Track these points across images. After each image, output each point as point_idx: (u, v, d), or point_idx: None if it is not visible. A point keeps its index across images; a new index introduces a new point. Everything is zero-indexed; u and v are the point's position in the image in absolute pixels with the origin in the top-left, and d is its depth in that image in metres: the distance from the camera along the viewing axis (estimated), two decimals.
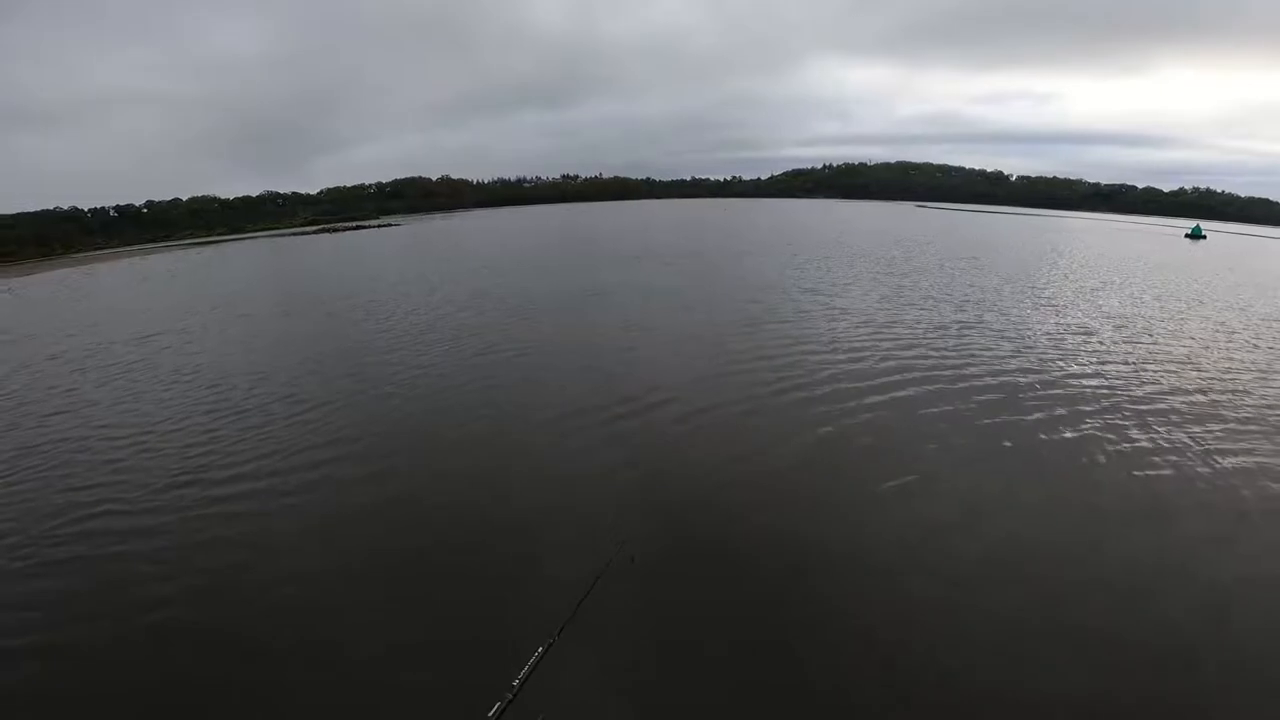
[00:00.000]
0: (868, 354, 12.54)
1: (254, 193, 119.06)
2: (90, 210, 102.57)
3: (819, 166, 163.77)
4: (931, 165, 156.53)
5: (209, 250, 58.83)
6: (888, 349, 12.87)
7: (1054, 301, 18.61)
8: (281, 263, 42.85)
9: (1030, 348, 12.96)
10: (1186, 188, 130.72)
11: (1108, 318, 16.34)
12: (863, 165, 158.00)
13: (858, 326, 14.95)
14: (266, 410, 10.63)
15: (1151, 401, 9.93)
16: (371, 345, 14.91)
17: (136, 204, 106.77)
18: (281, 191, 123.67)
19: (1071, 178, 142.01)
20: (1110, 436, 8.61)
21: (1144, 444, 8.39)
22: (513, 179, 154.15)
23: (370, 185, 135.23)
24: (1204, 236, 51.35)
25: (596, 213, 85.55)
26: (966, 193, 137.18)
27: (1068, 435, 8.69)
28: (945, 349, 12.91)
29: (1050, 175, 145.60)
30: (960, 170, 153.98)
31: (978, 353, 12.63)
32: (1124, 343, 13.68)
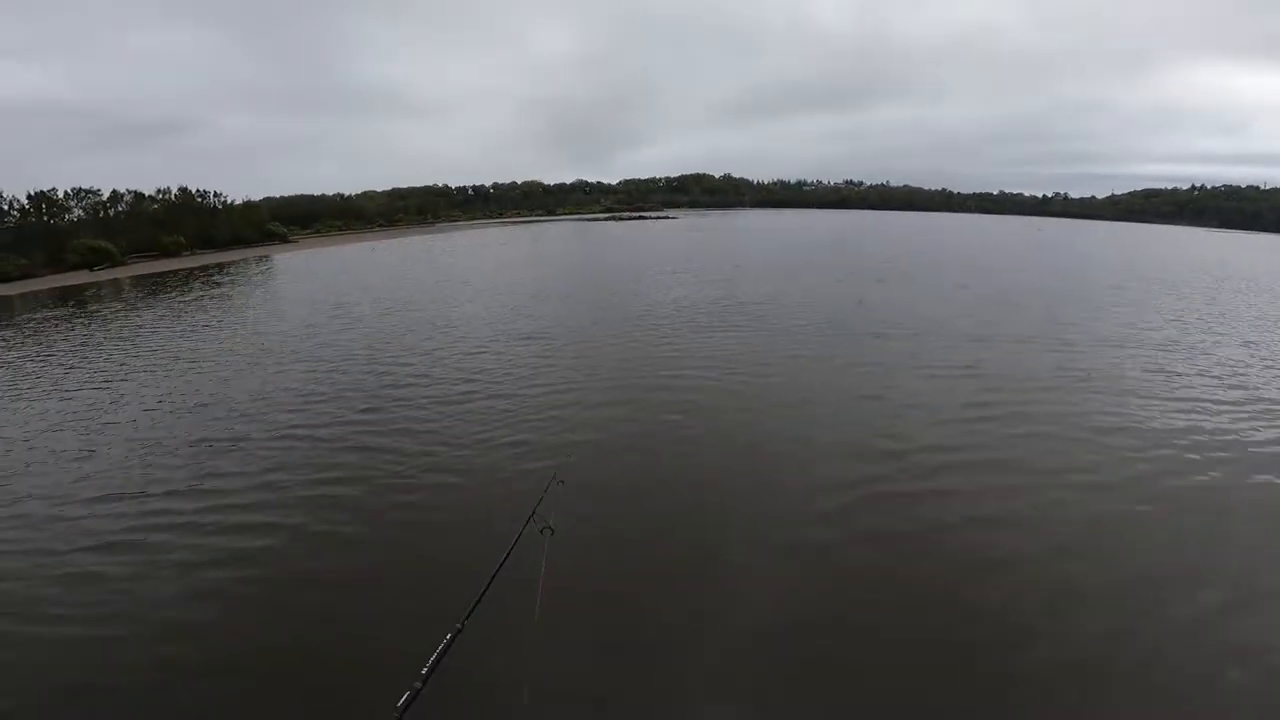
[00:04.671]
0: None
1: (568, 180, 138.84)
2: (456, 188, 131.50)
3: (1186, 187, 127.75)
4: None
5: (528, 227, 70.59)
6: None
7: None
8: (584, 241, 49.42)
9: None
10: None
11: None
12: (1253, 189, 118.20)
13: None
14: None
15: None
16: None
17: (486, 185, 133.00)
18: (589, 180, 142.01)
19: None
20: None
21: None
22: (792, 181, 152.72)
23: (660, 179, 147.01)
24: None
25: (875, 221, 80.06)
26: None
27: None
28: None
29: None
30: None
31: None
32: None
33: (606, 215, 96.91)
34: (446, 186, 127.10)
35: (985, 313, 17.93)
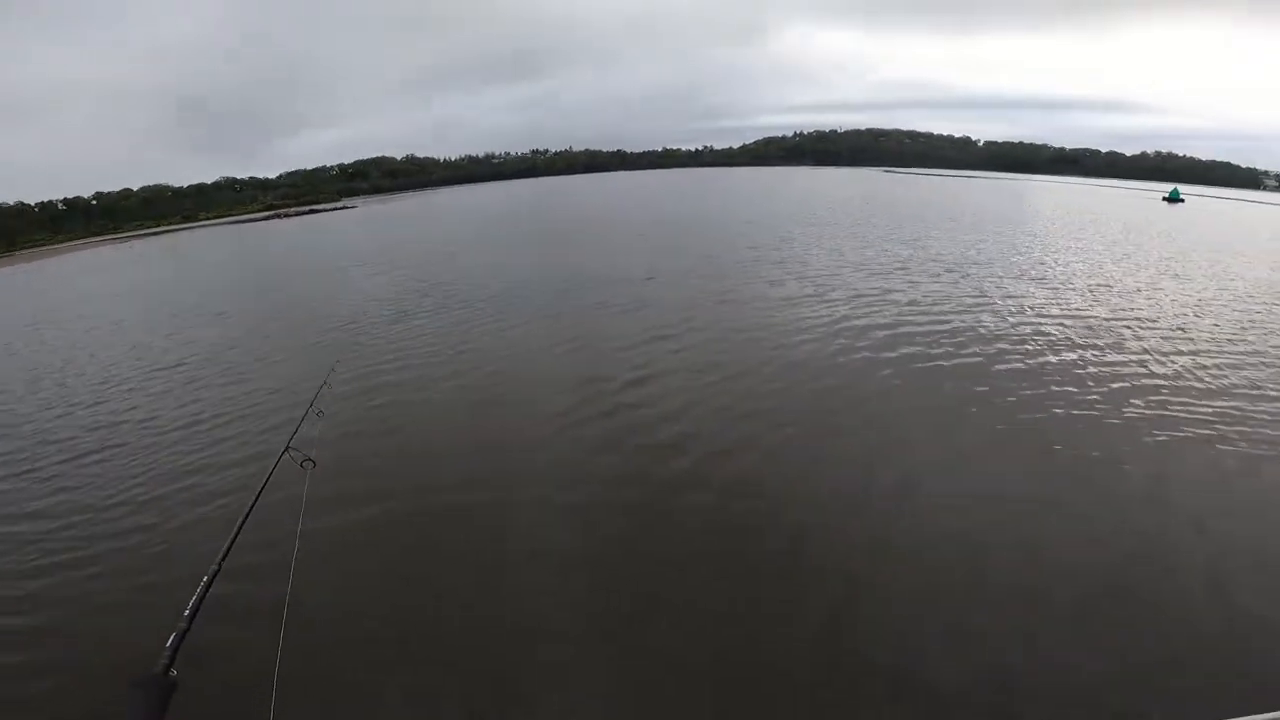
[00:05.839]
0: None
1: (209, 180, 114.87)
2: (37, 204, 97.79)
3: (791, 134, 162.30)
4: (900, 132, 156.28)
5: (159, 239, 56.20)
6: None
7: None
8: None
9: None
10: (1149, 152, 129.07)
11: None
12: (833, 132, 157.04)
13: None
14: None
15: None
16: None
17: (85, 196, 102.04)
18: (239, 177, 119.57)
19: (1038, 143, 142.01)
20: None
21: None
22: (481, 155, 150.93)
23: (332, 167, 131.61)
24: (1182, 200, 49.44)
25: (561, 187, 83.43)
26: (935, 158, 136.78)
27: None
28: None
29: (1017, 140, 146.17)
30: (929, 136, 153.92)
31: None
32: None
33: (269, 214, 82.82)
34: (21, 204, 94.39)
35: (654, 256, 19.93)
